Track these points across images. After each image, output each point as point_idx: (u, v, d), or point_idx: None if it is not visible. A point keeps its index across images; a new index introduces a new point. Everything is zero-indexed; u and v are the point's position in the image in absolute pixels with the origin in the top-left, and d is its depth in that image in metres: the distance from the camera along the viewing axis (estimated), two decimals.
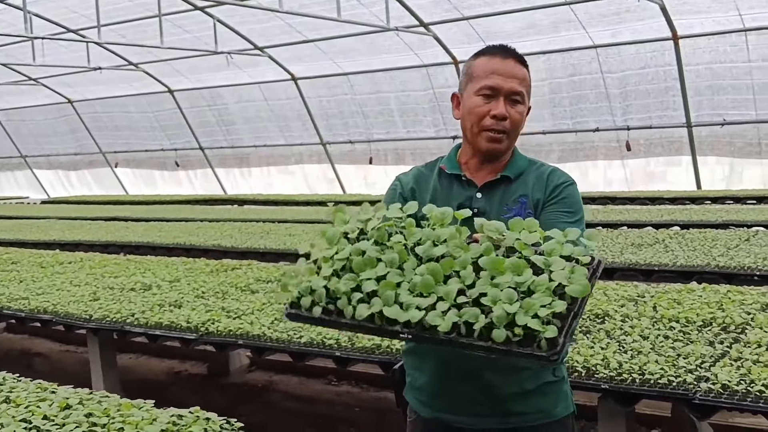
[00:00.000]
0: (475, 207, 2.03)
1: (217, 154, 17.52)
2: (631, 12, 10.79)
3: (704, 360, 3.06)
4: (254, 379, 5.78)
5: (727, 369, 2.91)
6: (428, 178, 2.14)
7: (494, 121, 2.00)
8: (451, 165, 2.12)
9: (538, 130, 13.08)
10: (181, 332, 4.19)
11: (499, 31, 11.98)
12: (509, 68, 2.02)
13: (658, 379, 2.88)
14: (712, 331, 3.45)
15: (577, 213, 2.05)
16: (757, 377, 2.79)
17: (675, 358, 3.09)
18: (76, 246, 9.04)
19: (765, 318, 3.55)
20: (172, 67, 15.40)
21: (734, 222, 7.57)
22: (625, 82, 11.93)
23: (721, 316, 3.61)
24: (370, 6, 11.61)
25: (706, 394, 2.75)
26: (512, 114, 2.01)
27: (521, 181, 2.08)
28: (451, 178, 2.10)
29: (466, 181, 2.09)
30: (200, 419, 2.50)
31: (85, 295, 5.16)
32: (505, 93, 2.01)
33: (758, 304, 3.86)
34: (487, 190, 2.07)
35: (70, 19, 13.33)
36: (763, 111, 11.12)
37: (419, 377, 2.09)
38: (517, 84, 2.01)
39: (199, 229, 9.49)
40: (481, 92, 2.02)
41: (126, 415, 2.53)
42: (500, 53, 2.05)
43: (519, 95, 2.02)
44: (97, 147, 19.32)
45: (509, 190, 2.06)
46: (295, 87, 15.04)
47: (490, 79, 2.01)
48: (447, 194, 2.09)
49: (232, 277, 5.52)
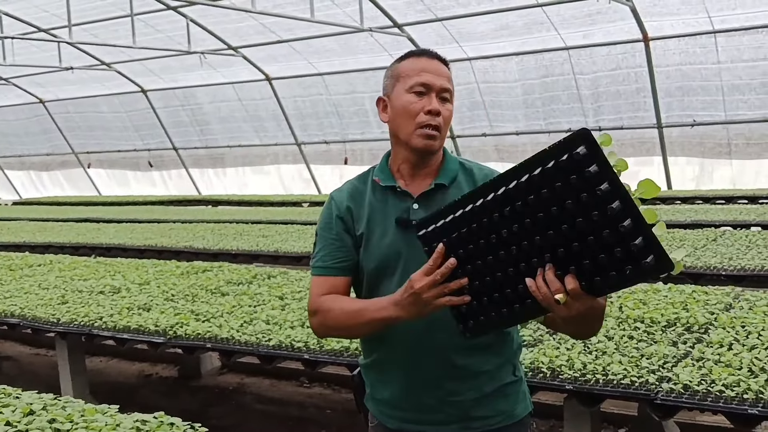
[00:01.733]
0: (413, 219, 2.00)
1: (191, 154, 17.41)
2: (603, 14, 10.89)
3: (667, 360, 3.10)
4: (226, 381, 5.77)
5: (689, 369, 2.96)
6: (363, 192, 2.11)
7: (429, 117, 1.99)
8: (384, 176, 2.09)
9: (512, 131, 13.16)
10: (150, 336, 4.17)
11: (473, 32, 12.04)
12: (437, 67, 2.03)
13: (621, 380, 2.92)
14: (676, 332, 3.50)
15: None
16: (717, 377, 2.84)
17: (638, 358, 3.13)
18: (46, 248, 8.95)
19: (728, 318, 3.60)
20: (145, 66, 15.28)
21: (702, 222, 7.66)
22: (597, 83, 12.03)
23: (685, 317, 3.66)
24: (343, 6, 11.61)
25: (667, 394, 2.79)
26: (443, 111, 2.01)
27: (456, 188, 2.07)
28: (386, 191, 2.08)
29: (401, 192, 2.06)
30: (164, 424, 2.49)
31: (53, 298, 5.11)
32: (437, 90, 2.01)
33: (722, 304, 3.92)
34: (424, 200, 2.05)
35: (42, 18, 13.19)
36: (732, 112, 11.27)
37: (381, 390, 2.10)
38: (447, 82, 2.02)
39: (171, 231, 9.43)
40: (414, 89, 2.01)
41: (89, 420, 2.51)
42: (426, 54, 2.06)
43: (448, 93, 2.03)
44: (69, 147, 19.12)
45: (447, 198, 2.03)
46: (270, 87, 14.99)
47: (422, 76, 2.01)
48: (383, 208, 2.07)
49: (203, 280, 5.50)
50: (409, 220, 2.00)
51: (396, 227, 2.03)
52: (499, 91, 12.92)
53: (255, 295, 4.91)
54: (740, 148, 11.61)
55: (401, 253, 2.00)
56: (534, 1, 10.84)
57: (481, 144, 13.68)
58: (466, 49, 12.54)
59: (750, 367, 2.92)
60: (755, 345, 3.19)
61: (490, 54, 12.52)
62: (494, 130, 13.35)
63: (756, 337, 3.28)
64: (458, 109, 13.33)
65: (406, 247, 2.01)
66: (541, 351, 3.28)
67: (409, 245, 1.99)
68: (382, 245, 2.03)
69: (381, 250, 2.02)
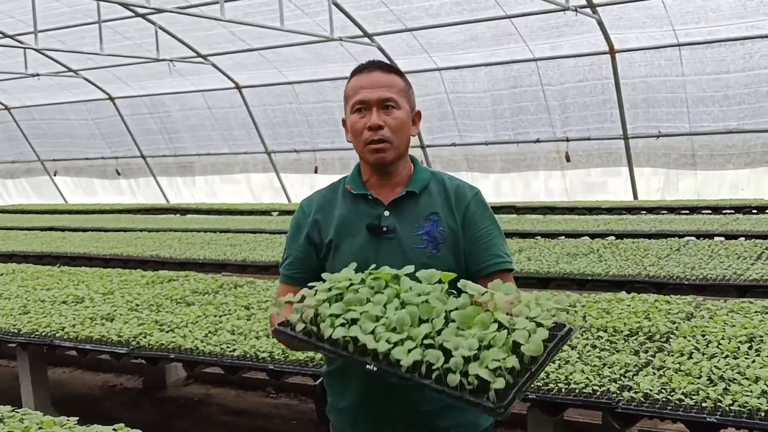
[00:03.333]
0: (384, 225, 2.07)
1: (159, 162, 17.25)
2: (570, 26, 11.02)
3: (628, 369, 3.13)
4: (191, 392, 5.71)
5: (650, 378, 2.99)
6: (332, 201, 2.16)
7: (371, 132, 2.04)
8: (356, 185, 2.14)
9: (481, 141, 13.25)
10: (113, 346, 4.12)
11: (442, 42, 12.11)
12: (374, 79, 2.07)
13: (583, 389, 2.95)
14: (638, 340, 3.54)
15: (494, 217, 2.16)
16: (677, 386, 2.87)
17: (600, 367, 3.16)
18: (9, 257, 8.81)
19: (689, 327, 3.65)
20: (113, 74, 15.13)
21: (667, 232, 7.77)
22: (564, 94, 12.16)
23: (647, 326, 3.71)
24: (314, 16, 11.61)
25: (628, 403, 2.82)
26: (388, 121, 2.05)
27: (427, 196, 2.11)
28: (357, 198, 2.12)
29: (372, 199, 2.11)
30: None
31: (14, 308, 5.03)
32: (376, 103, 2.04)
33: (683, 313, 3.97)
34: (395, 208, 2.09)
35: (7, 24, 13.01)
36: (697, 124, 11.46)
37: (341, 400, 2.10)
38: (385, 91, 2.05)
39: (137, 240, 9.34)
40: (355, 109, 2.07)
41: None
42: (366, 68, 2.10)
43: (390, 101, 2.06)
44: (35, 155, 18.85)
45: (418, 206, 2.10)
46: (240, 95, 14.93)
47: (359, 94, 2.06)
48: (355, 215, 2.11)
49: (168, 289, 5.44)
50: (380, 226, 2.06)
51: (367, 234, 2.07)
52: (468, 101, 13.00)
53: (221, 305, 4.87)
54: (704, 159, 11.80)
55: (370, 259, 2.02)
56: (503, 13, 10.94)
57: (450, 154, 13.75)
58: (435, 60, 12.62)
59: (709, 375, 2.96)
60: (715, 354, 3.23)
61: (460, 64, 12.60)
62: (463, 140, 13.42)
63: (716, 346, 3.33)
64: (428, 119, 13.40)
65: (376, 253, 2.05)
66: None
67: (379, 252, 2.05)
68: (352, 251, 2.07)
69: (351, 256, 2.05)
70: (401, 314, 1.77)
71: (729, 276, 5.23)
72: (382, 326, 1.78)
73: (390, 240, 2.06)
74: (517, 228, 8.79)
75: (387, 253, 2.04)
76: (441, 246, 2.06)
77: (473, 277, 2.06)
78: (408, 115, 2.10)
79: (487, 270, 2.07)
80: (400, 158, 2.11)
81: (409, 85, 2.13)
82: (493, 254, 2.09)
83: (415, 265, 1.95)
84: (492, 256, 2.09)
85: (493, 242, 2.10)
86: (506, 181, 13.69)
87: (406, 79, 2.13)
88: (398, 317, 1.76)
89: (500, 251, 2.10)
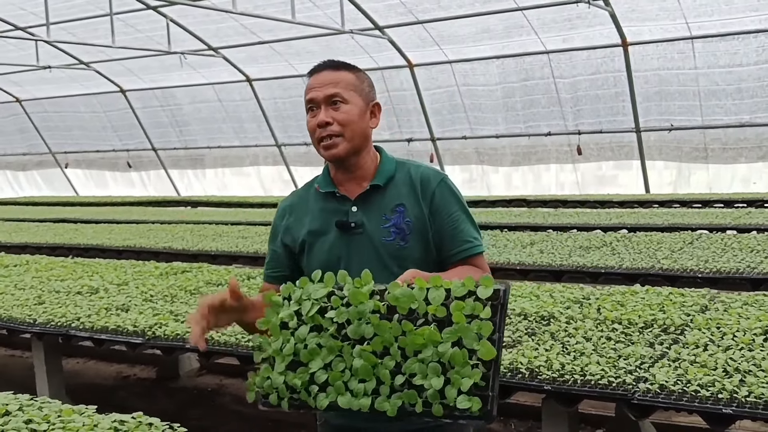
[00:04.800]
0: (352, 221, 2.11)
1: (170, 155, 17.31)
2: (582, 18, 10.97)
3: (644, 361, 3.13)
4: (204, 382, 5.75)
5: (665, 370, 2.99)
6: (306, 200, 2.23)
7: (321, 129, 2.10)
8: (325, 183, 2.20)
9: (492, 134, 13.22)
10: (128, 336, 4.15)
11: (454, 35, 12.08)
12: (321, 78, 2.12)
13: (599, 380, 2.95)
14: (653, 333, 3.54)
15: (462, 202, 2.18)
16: (693, 377, 2.87)
17: (616, 359, 3.16)
18: (22, 248, 8.86)
19: (704, 319, 3.65)
20: (125, 66, 15.17)
21: (679, 225, 7.74)
22: (576, 87, 12.12)
23: (662, 318, 3.70)
24: (324, 8, 11.60)
25: (644, 394, 2.82)
26: (336, 116, 2.09)
27: (393, 187, 2.15)
28: (326, 196, 2.18)
29: (339, 196, 2.16)
30: (143, 424, 2.48)
31: (29, 298, 5.06)
32: (323, 100, 2.10)
33: (698, 306, 3.96)
34: (362, 202, 2.14)
35: (19, 17, 13.05)
36: (709, 117, 11.40)
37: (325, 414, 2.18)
38: (331, 88, 2.10)
39: (150, 232, 9.37)
40: (307, 108, 2.14)
41: (66, 421, 2.50)
42: (317, 69, 2.16)
43: (337, 96, 2.10)
44: (46, 147, 18.93)
45: (384, 198, 2.14)
46: (250, 88, 14.95)
47: (309, 94, 2.13)
48: (325, 213, 2.16)
49: (182, 280, 5.47)
50: (348, 222, 2.11)
51: (337, 231, 2.13)
52: (479, 94, 12.97)
53: None
54: (716, 152, 11.75)
55: (342, 256, 2.10)
56: (514, 5, 10.90)
57: (461, 147, 13.73)
58: (446, 52, 12.59)
59: (725, 367, 2.96)
60: (730, 346, 3.23)
61: (471, 57, 12.56)
62: (474, 132, 13.40)
63: (731, 338, 3.33)
64: (438, 112, 13.39)
65: (347, 249, 2.11)
66: (519, 352, 3.30)
67: (350, 248, 2.11)
68: (324, 249, 2.13)
69: (323, 253, 2.13)
70: (363, 365, 1.82)
71: (743, 269, 5.21)
72: (351, 376, 1.84)
73: (359, 235, 2.11)
74: (528, 221, 8.78)
75: (357, 249, 2.10)
76: (409, 237, 2.09)
77: (444, 264, 2.11)
78: (360, 108, 2.13)
79: (458, 257, 2.12)
80: (358, 151, 2.14)
81: (361, 79, 2.16)
82: (462, 240, 2.12)
83: (385, 257, 2.04)
84: (461, 242, 2.12)
85: (461, 227, 2.13)
86: (517, 175, 13.66)
87: (360, 72, 2.17)
88: (362, 368, 1.82)
89: (469, 236, 2.13)
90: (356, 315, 1.85)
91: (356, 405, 1.81)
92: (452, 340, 1.76)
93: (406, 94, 13.50)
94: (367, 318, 1.84)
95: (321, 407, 1.85)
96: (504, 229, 8.07)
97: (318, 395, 1.87)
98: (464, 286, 1.81)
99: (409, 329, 1.80)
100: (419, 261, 2.08)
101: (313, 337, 1.90)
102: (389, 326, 1.82)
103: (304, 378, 1.88)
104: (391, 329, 1.81)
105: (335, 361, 1.86)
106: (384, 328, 1.82)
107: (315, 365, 1.87)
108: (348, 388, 1.84)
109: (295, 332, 1.93)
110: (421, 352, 1.78)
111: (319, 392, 1.87)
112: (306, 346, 1.90)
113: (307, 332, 1.91)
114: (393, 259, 2.06)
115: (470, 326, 1.76)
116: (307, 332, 1.91)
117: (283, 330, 1.95)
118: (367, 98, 2.16)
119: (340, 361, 1.86)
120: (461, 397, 1.71)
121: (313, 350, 1.89)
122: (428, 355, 1.77)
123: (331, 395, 1.85)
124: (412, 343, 1.79)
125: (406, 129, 13.91)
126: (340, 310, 1.88)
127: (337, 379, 1.84)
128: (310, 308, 1.91)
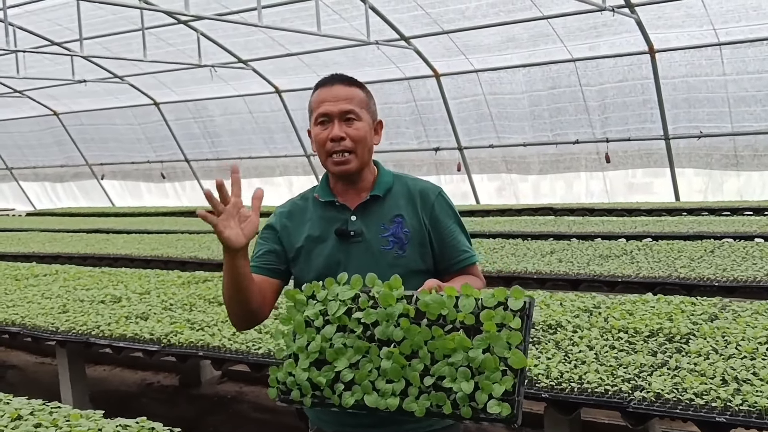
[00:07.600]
0: (351, 230, 2.17)
1: (202, 165, 17.59)
2: (608, 26, 10.94)
3: (643, 369, 3.14)
4: (225, 390, 5.85)
5: (662, 378, 3.00)
6: (304, 209, 2.27)
7: (334, 144, 2.14)
8: (324, 193, 2.24)
9: (519, 143, 13.21)
10: (145, 344, 4.26)
11: (479, 44, 12.12)
12: (335, 92, 2.15)
13: (596, 389, 2.97)
14: (657, 341, 3.54)
15: (457, 215, 2.26)
16: (689, 385, 2.88)
17: (615, 367, 3.17)
18: (54, 258, 9.09)
19: (710, 328, 3.63)
20: (158, 79, 15.48)
21: (705, 233, 7.65)
22: (604, 94, 12.06)
23: (669, 327, 3.70)
24: (350, 20, 11.73)
25: (639, 402, 2.84)
26: (349, 132, 2.14)
27: (392, 198, 2.21)
28: (326, 205, 2.23)
29: (339, 206, 2.21)
30: (145, 429, 2.58)
31: (54, 307, 5.22)
32: (337, 115, 2.13)
33: (707, 314, 3.95)
34: (361, 212, 2.19)
35: (54, 32, 13.41)
36: (739, 124, 11.26)
37: (326, 424, 2.20)
38: (346, 104, 2.14)
39: (178, 241, 9.55)
40: (318, 121, 2.16)
41: (74, 425, 2.61)
42: (328, 82, 2.19)
43: (351, 113, 2.14)
44: (83, 159, 19.36)
45: (383, 209, 2.20)
46: (279, 99, 15.14)
47: (321, 107, 2.15)
48: (323, 221, 2.21)
49: (202, 289, 5.59)
50: (348, 230, 2.17)
51: (336, 238, 2.18)
52: (506, 102, 12.98)
53: None
54: (747, 159, 11.59)
55: (340, 263, 2.15)
56: (539, 14, 10.91)
57: (488, 155, 13.74)
58: (472, 61, 12.63)
59: (723, 376, 2.96)
60: (732, 354, 3.22)
61: (497, 66, 12.58)
62: (501, 141, 13.40)
63: (734, 347, 3.31)
64: (465, 121, 13.41)
65: (345, 256, 2.16)
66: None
67: (348, 255, 2.16)
68: (322, 256, 2.18)
69: (321, 260, 2.17)
70: (393, 367, 1.87)
71: (760, 277, 5.16)
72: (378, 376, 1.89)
73: (358, 243, 2.16)
74: (552, 230, 8.75)
75: (356, 256, 2.15)
76: (407, 246, 2.16)
77: (443, 274, 2.19)
78: (369, 125, 2.19)
79: (456, 267, 2.21)
80: (364, 167, 2.20)
81: (369, 97, 2.21)
82: (459, 251, 2.22)
83: (383, 265, 2.09)
84: (459, 252, 2.22)
85: (457, 239, 2.23)
86: (545, 183, 13.62)
87: (367, 90, 2.22)
88: (391, 369, 1.87)
89: (465, 247, 2.24)
90: (384, 317, 1.91)
91: (383, 404, 1.86)
92: (483, 347, 1.83)
93: (432, 103, 13.56)
94: (395, 320, 1.91)
95: (346, 405, 1.90)
96: (527, 238, 8.07)
97: (344, 393, 1.92)
98: (494, 297, 1.88)
99: (439, 334, 1.86)
100: (415, 270, 2.15)
101: (339, 337, 1.96)
102: (418, 330, 1.88)
103: (329, 376, 1.93)
104: (420, 333, 1.88)
105: (362, 362, 1.91)
106: (413, 331, 1.88)
107: (341, 364, 1.92)
108: (375, 387, 1.89)
109: (320, 330, 1.99)
110: (450, 356, 1.84)
111: (345, 391, 1.92)
112: (332, 345, 1.95)
113: (333, 331, 1.97)
114: (390, 267, 2.11)
115: (500, 334, 1.83)
116: (334, 332, 1.97)
117: (307, 328, 2.01)
118: (374, 116, 2.23)
119: (367, 362, 1.91)
120: (491, 402, 1.78)
121: (339, 349, 1.94)
122: (458, 360, 1.83)
123: (357, 394, 1.89)
124: (442, 347, 1.85)
125: (434, 138, 13.96)
126: (368, 311, 1.94)
127: (363, 378, 1.90)
128: (337, 309, 1.97)
